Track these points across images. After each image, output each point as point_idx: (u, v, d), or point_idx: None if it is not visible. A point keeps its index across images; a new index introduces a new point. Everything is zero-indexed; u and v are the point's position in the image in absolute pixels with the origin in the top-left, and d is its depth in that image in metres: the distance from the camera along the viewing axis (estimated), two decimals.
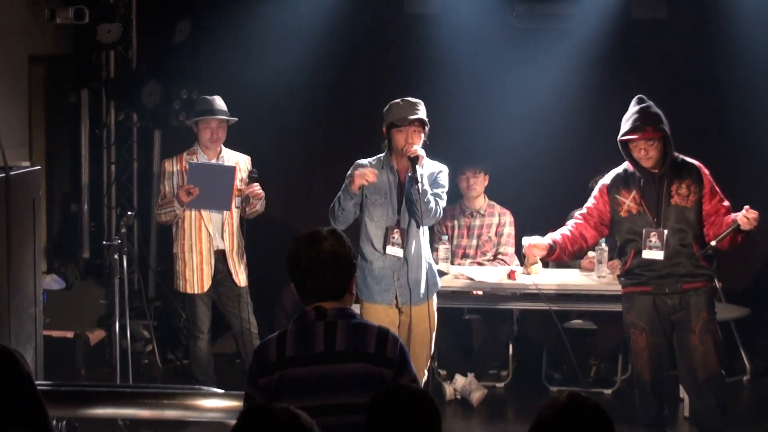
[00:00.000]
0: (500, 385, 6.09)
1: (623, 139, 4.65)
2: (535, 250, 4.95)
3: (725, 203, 4.67)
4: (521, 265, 5.82)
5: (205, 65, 6.67)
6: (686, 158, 4.72)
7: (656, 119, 4.59)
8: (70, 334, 6.22)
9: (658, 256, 4.58)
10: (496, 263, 6.03)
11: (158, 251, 6.86)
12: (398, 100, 4.61)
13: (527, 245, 4.98)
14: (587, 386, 5.87)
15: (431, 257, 4.88)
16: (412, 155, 4.55)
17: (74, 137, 6.87)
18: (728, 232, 4.53)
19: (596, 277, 5.61)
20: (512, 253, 6.09)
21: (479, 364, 6.03)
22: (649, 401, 4.71)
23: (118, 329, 5.30)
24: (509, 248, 6.08)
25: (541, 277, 5.59)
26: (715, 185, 4.67)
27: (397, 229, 4.63)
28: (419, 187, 4.53)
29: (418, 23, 6.58)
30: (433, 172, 4.73)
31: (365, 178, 4.55)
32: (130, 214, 5.65)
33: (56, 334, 6.14)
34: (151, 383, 5.91)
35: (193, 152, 5.48)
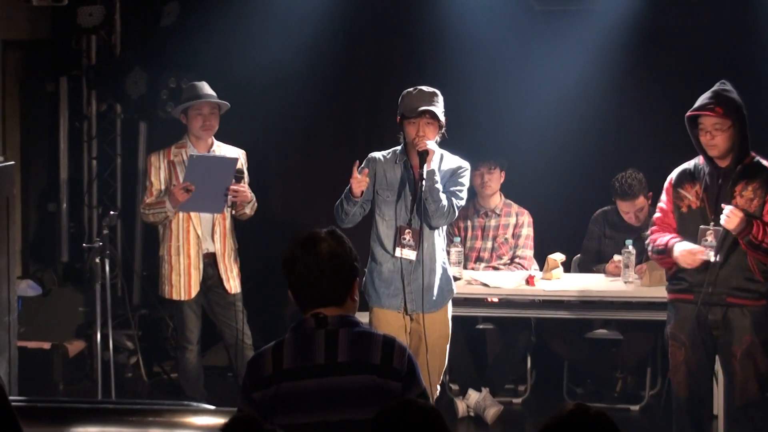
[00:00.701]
0: (517, 400, 6.09)
1: (690, 114, 4.59)
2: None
3: None
4: (540, 269, 5.85)
5: (195, 51, 6.64)
6: (763, 161, 4.59)
7: (730, 103, 4.48)
8: (47, 345, 6.23)
9: (710, 257, 4.49)
10: (513, 267, 6.01)
11: (144, 254, 6.87)
12: (412, 89, 4.61)
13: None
14: (612, 402, 5.88)
15: (447, 261, 4.89)
16: (420, 149, 4.56)
17: (52, 130, 6.87)
18: (726, 241, 4.47)
19: (623, 282, 5.59)
20: (531, 256, 6.07)
21: (494, 377, 6.03)
22: (683, 420, 4.71)
23: (99, 340, 5.31)
24: (527, 251, 6.06)
25: (562, 282, 5.62)
26: None
27: (408, 229, 4.63)
28: (423, 183, 4.54)
29: (428, 4, 6.57)
30: (452, 168, 4.75)
31: (360, 187, 4.59)
32: (113, 213, 5.66)
33: (32, 345, 6.16)
34: (135, 399, 5.90)
35: (182, 145, 5.45)
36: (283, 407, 2.80)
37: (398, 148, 4.74)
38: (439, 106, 4.62)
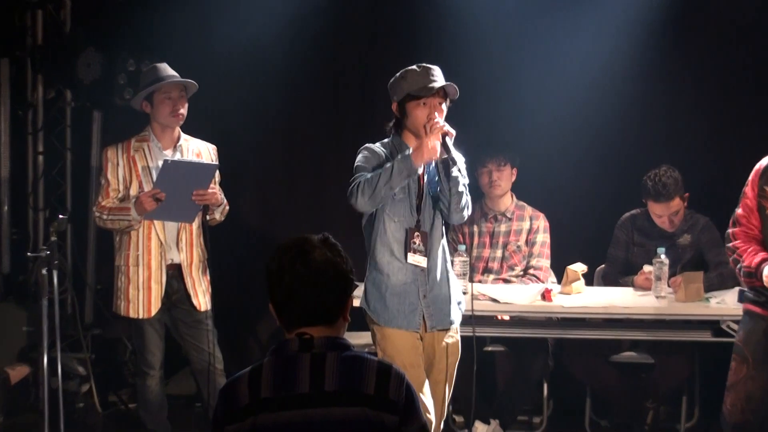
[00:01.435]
0: None
1: None
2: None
3: None
4: (559, 282, 5.86)
5: (158, 29, 6.65)
6: None
7: None
8: None
9: None
10: (526, 280, 6.04)
11: (98, 265, 6.90)
12: (414, 66, 4.58)
13: None
14: None
15: (452, 270, 4.88)
16: (435, 132, 4.47)
17: None
18: None
19: (654, 297, 5.59)
20: (547, 267, 6.11)
21: (505, 408, 6.04)
22: None
23: (46, 364, 5.27)
24: (543, 261, 6.10)
25: (583, 297, 5.61)
26: None
27: (417, 232, 4.59)
28: (455, 169, 4.48)
29: None
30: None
31: (431, 155, 4.43)
32: (62, 217, 5.62)
33: None
34: None
35: (143, 138, 5.44)
36: None
37: (387, 140, 4.69)
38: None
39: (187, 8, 6.63)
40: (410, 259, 4.57)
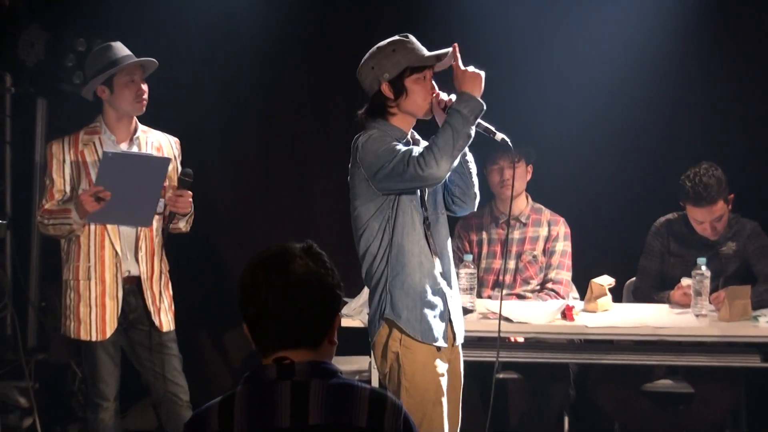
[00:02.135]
0: None
1: None
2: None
3: None
4: (582, 298, 5.86)
5: (112, 4, 6.66)
6: None
7: None
8: None
9: None
10: (544, 295, 6.07)
11: (42, 278, 6.86)
12: (396, 38, 4.56)
13: None
14: None
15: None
16: (449, 104, 4.51)
17: None
18: None
19: (693, 315, 5.58)
20: (568, 280, 6.15)
21: None
22: None
23: None
24: (564, 273, 6.14)
25: (611, 315, 5.60)
26: None
27: (429, 231, 4.60)
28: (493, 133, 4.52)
29: None
30: None
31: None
32: (1, 223, 5.62)
33: None
34: None
35: (94, 130, 5.43)
36: None
37: (373, 131, 4.64)
38: None
39: None
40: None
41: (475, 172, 4.64)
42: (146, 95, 5.37)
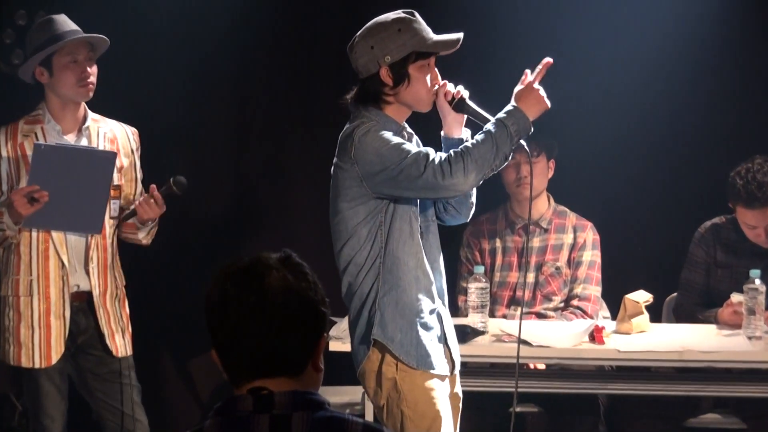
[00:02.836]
0: None
1: None
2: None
3: None
4: (613, 318, 5.86)
5: None
6: None
7: None
8: None
9: None
10: (569, 314, 6.11)
11: None
12: (399, 14, 4.57)
13: None
14: None
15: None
16: (456, 96, 4.57)
17: None
18: None
19: (745, 338, 5.57)
20: (597, 296, 6.19)
21: None
22: None
23: None
24: (593, 288, 6.19)
25: (647, 338, 5.59)
26: None
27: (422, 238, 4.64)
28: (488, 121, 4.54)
29: None
30: None
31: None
32: None
33: None
34: None
35: (36, 119, 5.44)
36: None
37: (363, 121, 4.70)
38: None
39: None
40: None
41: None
42: (93, 78, 5.37)
